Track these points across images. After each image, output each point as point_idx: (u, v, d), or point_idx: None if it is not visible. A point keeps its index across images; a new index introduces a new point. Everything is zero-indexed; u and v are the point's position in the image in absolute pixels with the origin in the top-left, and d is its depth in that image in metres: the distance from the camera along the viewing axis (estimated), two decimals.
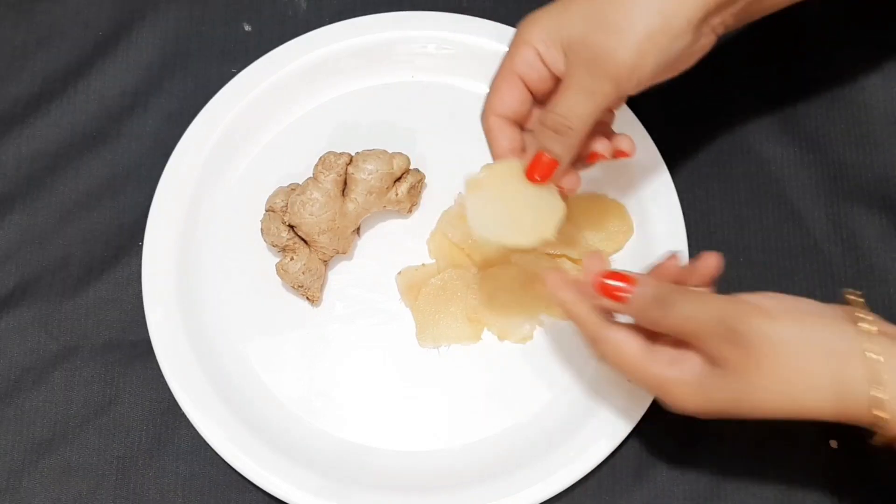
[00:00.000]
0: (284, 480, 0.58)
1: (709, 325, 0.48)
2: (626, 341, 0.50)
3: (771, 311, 0.47)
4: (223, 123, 0.65)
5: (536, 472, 0.57)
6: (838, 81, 0.67)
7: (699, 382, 0.49)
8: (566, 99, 0.51)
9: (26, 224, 0.65)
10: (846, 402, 0.46)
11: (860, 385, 0.46)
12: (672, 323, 0.49)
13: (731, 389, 0.48)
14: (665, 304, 0.49)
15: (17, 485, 0.60)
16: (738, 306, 0.48)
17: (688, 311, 0.48)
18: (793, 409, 0.47)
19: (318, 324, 0.62)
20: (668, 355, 0.50)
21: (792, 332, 0.47)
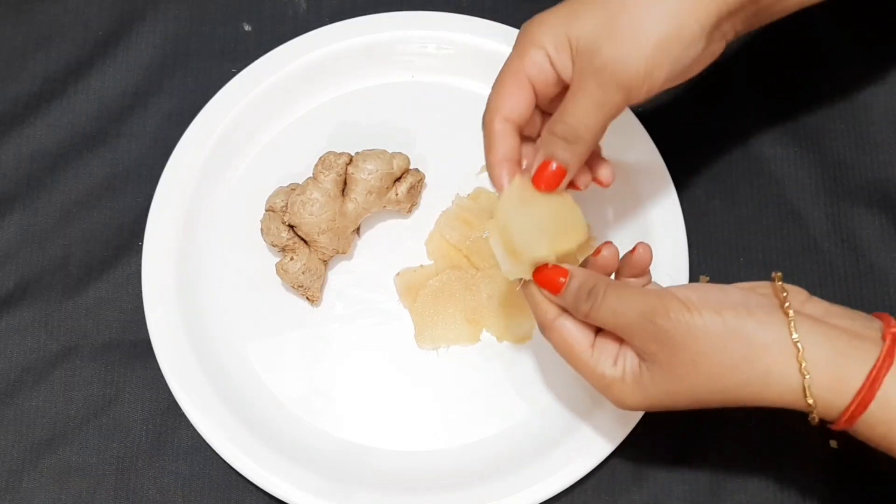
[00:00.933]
0: (284, 480, 0.58)
1: (633, 320, 0.48)
2: (573, 333, 0.51)
3: (692, 303, 0.47)
4: (223, 123, 0.65)
5: (536, 472, 0.57)
6: (838, 81, 0.67)
7: (635, 379, 0.49)
8: (576, 108, 0.49)
9: (26, 224, 0.65)
10: (778, 391, 0.46)
11: (786, 372, 0.46)
12: (601, 317, 0.49)
13: (662, 384, 0.48)
14: (593, 296, 0.49)
15: (17, 485, 0.60)
16: (660, 300, 0.48)
17: (613, 305, 0.49)
18: (727, 399, 0.48)
19: (318, 324, 0.62)
20: (611, 354, 0.50)
21: (712, 325, 0.47)
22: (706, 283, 0.51)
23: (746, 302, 0.48)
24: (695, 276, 0.63)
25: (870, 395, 0.45)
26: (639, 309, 0.48)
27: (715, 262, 0.64)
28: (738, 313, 0.47)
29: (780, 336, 0.46)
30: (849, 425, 0.46)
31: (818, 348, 0.46)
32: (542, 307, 0.52)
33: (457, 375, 0.61)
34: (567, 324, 0.51)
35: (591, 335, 0.51)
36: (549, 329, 0.52)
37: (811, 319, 0.47)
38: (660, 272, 0.61)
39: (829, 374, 0.46)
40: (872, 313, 0.49)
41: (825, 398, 0.46)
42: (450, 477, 0.59)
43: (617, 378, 0.50)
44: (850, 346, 0.46)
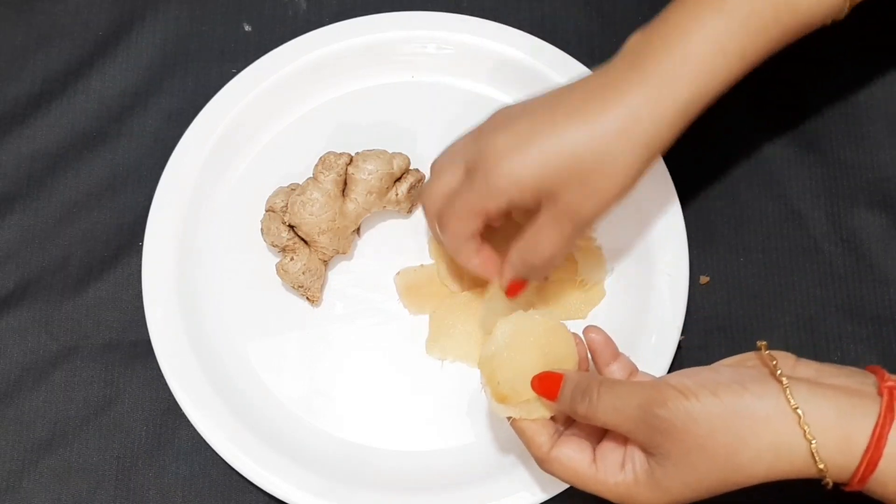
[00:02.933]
0: (284, 480, 0.58)
1: (632, 415, 0.47)
2: (572, 457, 0.50)
3: (688, 389, 0.47)
4: (223, 123, 0.65)
5: (536, 472, 0.57)
6: (838, 82, 0.67)
7: (649, 478, 0.48)
8: (549, 244, 0.53)
9: (26, 224, 0.65)
10: (789, 460, 0.46)
11: (793, 441, 0.45)
12: (600, 415, 0.49)
13: (678, 476, 0.47)
14: (588, 396, 0.49)
15: (17, 485, 0.60)
16: (657, 391, 0.47)
17: (610, 402, 0.48)
18: (746, 477, 0.47)
19: (318, 324, 0.62)
20: (617, 460, 0.49)
21: (712, 407, 0.46)
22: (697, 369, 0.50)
23: (740, 378, 0.47)
24: (695, 276, 0.63)
25: (877, 453, 0.44)
26: (636, 402, 0.48)
27: (715, 262, 0.64)
28: (734, 391, 0.46)
29: (778, 406, 0.46)
30: (861, 486, 0.45)
31: (819, 412, 0.45)
32: (536, 442, 0.51)
33: (457, 375, 0.61)
34: (563, 450, 0.50)
35: (589, 452, 0.50)
36: (548, 462, 0.51)
37: (806, 383, 0.47)
38: (660, 272, 0.61)
39: (834, 436, 0.45)
40: (865, 367, 0.48)
41: (835, 460, 0.45)
42: (450, 477, 0.59)
43: (630, 482, 0.49)
44: (849, 404, 0.45)
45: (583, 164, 0.50)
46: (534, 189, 0.52)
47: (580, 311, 0.62)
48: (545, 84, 0.63)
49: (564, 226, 0.52)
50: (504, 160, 0.51)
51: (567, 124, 0.51)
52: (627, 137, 0.50)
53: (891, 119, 0.66)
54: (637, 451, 0.49)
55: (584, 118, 0.50)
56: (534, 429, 0.51)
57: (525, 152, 0.51)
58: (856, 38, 0.68)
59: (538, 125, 0.51)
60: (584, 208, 0.52)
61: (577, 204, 0.51)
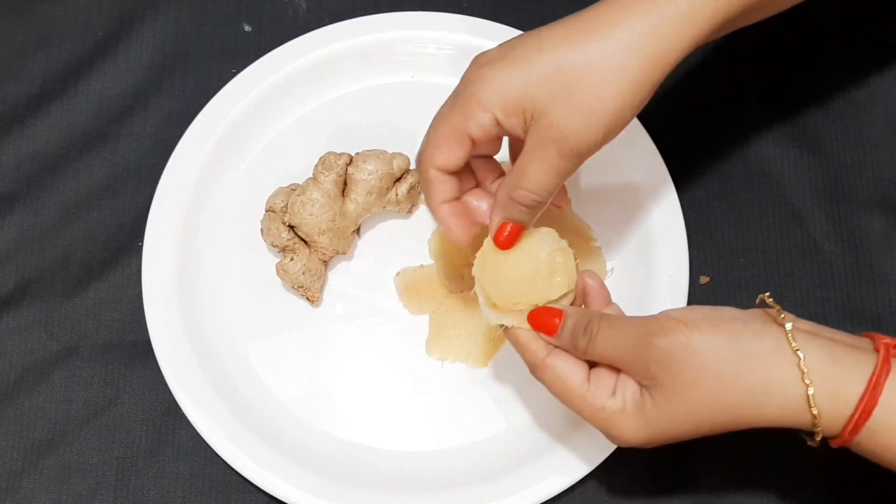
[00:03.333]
0: (284, 481, 0.58)
1: (631, 346, 0.48)
2: (566, 368, 0.50)
3: (689, 320, 0.47)
4: (223, 123, 0.65)
5: (536, 473, 0.57)
6: (838, 82, 0.67)
7: (636, 408, 0.48)
8: (535, 174, 0.50)
9: (26, 224, 0.65)
10: (781, 403, 0.46)
11: (790, 383, 0.45)
12: (599, 349, 0.49)
13: (665, 409, 0.47)
14: (588, 331, 0.49)
15: (17, 485, 0.60)
16: (657, 322, 0.48)
17: (609, 334, 0.49)
18: (730, 418, 0.47)
19: (318, 324, 0.62)
20: (608, 386, 0.49)
21: (712, 339, 0.46)
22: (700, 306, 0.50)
23: (742, 317, 0.48)
24: (695, 276, 0.63)
25: (872, 401, 0.44)
26: (635, 333, 0.48)
27: (715, 262, 0.64)
28: (735, 326, 0.47)
29: (778, 346, 0.46)
30: (853, 435, 0.45)
31: (816, 357, 0.46)
32: (531, 347, 0.51)
33: (457, 376, 0.61)
34: (558, 361, 0.50)
35: (584, 369, 0.50)
36: (541, 368, 0.51)
37: (806, 331, 0.47)
38: (660, 272, 0.61)
39: (829, 383, 0.45)
40: (859, 334, 0.49)
41: (828, 407, 0.45)
42: (450, 477, 0.59)
43: (617, 409, 0.49)
44: (846, 354, 0.46)
45: (570, 74, 0.48)
46: (518, 103, 0.49)
47: None
48: None
49: (551, 151, 0.49)
50: (486, 73, 0.49)
51: (560, 36, 0.48)
52: (619, 42, 0.47)
53: (891, 119, 0.66)
54: (630, 380, 0.49)
55: (575, 35, 0.48)
56: (529, 336, 0.51)
57: (510, 66, 0.49)
58: (856, 37, 0.68)
59: (525, 44, 0.49)
60: (571, 128, 0.48)
61: (564, 122, 0.48)
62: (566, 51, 0.48)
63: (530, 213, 0.51)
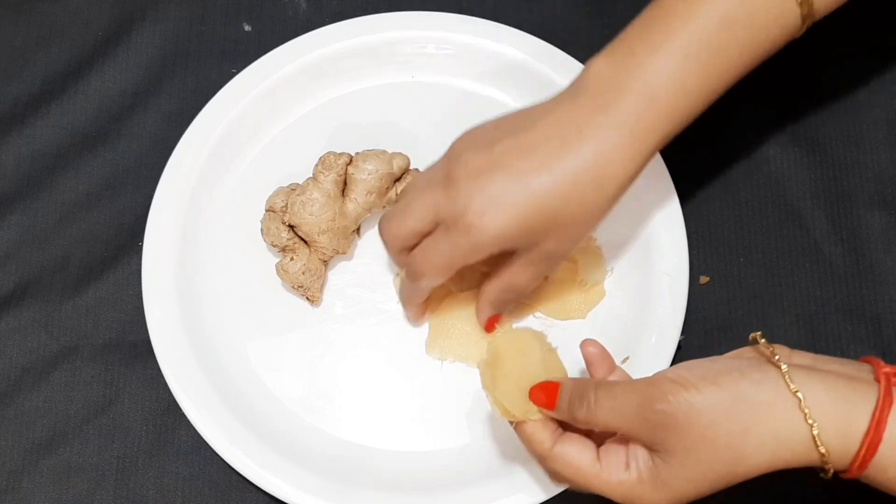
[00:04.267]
0: (284, 481, 0.58)
1: (633, 413, 0.47)
2: (574, 453, 0.50)
3: (687, 381, 0.47)
4: (223, 123, 0.65)
5: (537, 473, 0.57)
6: (839, 82, 0.67)
7: (653, 476, 0.48)
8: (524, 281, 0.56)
9: (26, 224, 0.65)
10: (790, 447, 0.45)
11: (796, 426, 0.45)
12: (600, 418, 0.48)
13: (682, 473, 0.47)
14: (585, 401, 0.49)
15: (17, 485, 0.60)
16: (655, 386, 0.47)
17: (608, 403, 0.48)
18: (747, 470, 0.47)
19: (318, 324, 0.62)
20: (620, 460, 0.49)
21: (713, 397, 0.46)
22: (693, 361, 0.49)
23: (738, 367, 0.47)
24: (695, 276, 0.63)
25: (877, 436, 0.44)
26: (635, 401, 0.47)
27: (715, 262, 0.64)
28: (734, 378, 0.46)
29: (778, 391, 0.46)
30: (861, 471, 0.45)
31: (818, 396, 0.45)
32: (537, 438, 0.51)
33: (456, 376, 0.61)
34: (565, 447, 0.50)
35: (593, 450, 0.50)
36: (550, 458, 0.51)
37: (803, 369, 0.47)
38: (660, 272, 0.61)
39: (834, 420, 0.45)
40: (859, 358, 0.48)
41: (835, 445, 0.45)
42: (449, 477, 0.59)
43: (634, 481, 0.48)
44: (847, 389, 0.45)
45: (560, 216, 0.52)
46: (514, 242, 0.53)
47: (580, 311, 0.62)
48: (544, 84, 0.63)
49: (540, 266, 0.55)
50: (484, 219, 0.51)
51: (540, 174, 0.51)
52: (599, 182, 0.51)
53: (891, 119, 0.66)
54: (640, 449, 0.48)
55: (556, 166, 0.51)
56: (535, 426, 0.51)
57: (504, 210, 0.51)
58: (856, 38, 0.68)
59: (513, 178, 0.51)
60: (559, 251, 0.54)
61: (553, 249, 0.54)
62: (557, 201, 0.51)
63: (515, 301, 0.60)
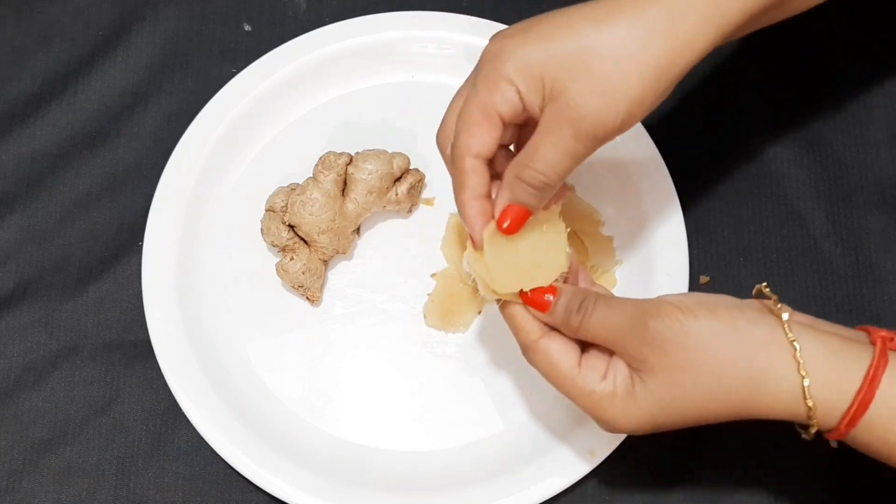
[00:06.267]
0: (284, 481, 0.58)
1: (624, 326, 0.47)
2: (558, 351, 0.49)
3: (685, 305, 0.47)
4: (223, 123, 0.65)
5: (536, 472, 0.57)
6: (839, 82, 0.67)
7: (627, 392, 0.47)
8: (547, 155, 0.47)
9: (26, 224, 0.65)
10: (774, 392, 0.45)
11: (786, 373, 0.45)
12: (592, 328, 0.48)
13: (657, 393, 0.47)
14: (583, 308, 0.48)
15: (17, 485, 0.60)
16: (652, 304, 0.47)
17: (604, 313, 0.48)
18: (722, 407, 0.46)
19: (318, 324, 0.62)
20: (600, 369, 0.49)
21: (707, 324, 0.46)
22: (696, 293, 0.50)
23: (739, 304, 0.48)
24: (695, 276, 0.63)
25: (869, 394, 0.44)
26: (630, 313, 0.47)
27: (715, 262, 0.64)
28: (732, 313, 0.47)
29: (775, 334, 0.46)
30: (849, 429, 0.45)
31: (813, 348, 0.45)
32: (525, 328, 0.50)
33: (457, 375, 0.61)
34: (551, 343, 0.50)
35: (576, 354, 0.50)
36: (533, 350, 0.50)
37: (802, 323, 0.47)
38: (660, 272, 0.61)
39: (826, 374, 0.45)
40: (856, 327, 0.49)
41: (824, 399, 0.45)
42: (449, 477, 0.59)
43: (607, 393, 0.48)
44: (843, 346, 0.46)
45: (596, 55, 0.46)
46: (538, 77, 0.47)
47: None
48: None
49: (566, 132, 0.47)
50: (507, 46, 0.47)
51: (587, 16, 0.47)
52: (647, 31, 0.46)
53: (891, 119, 0.66)
54: (621, 363, 0.48)
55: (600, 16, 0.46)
56: (525, 316, 0.50)
57: (532, 40, 0.47)
58: (856, 38, 0.68)
59: (549, 20, 0.48)
60: (590, 107, 0.46)
61: (583, 101, 0.46)
62: (590, 30, 0.46)
63: (538, 196, 0.49)
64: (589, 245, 0.62)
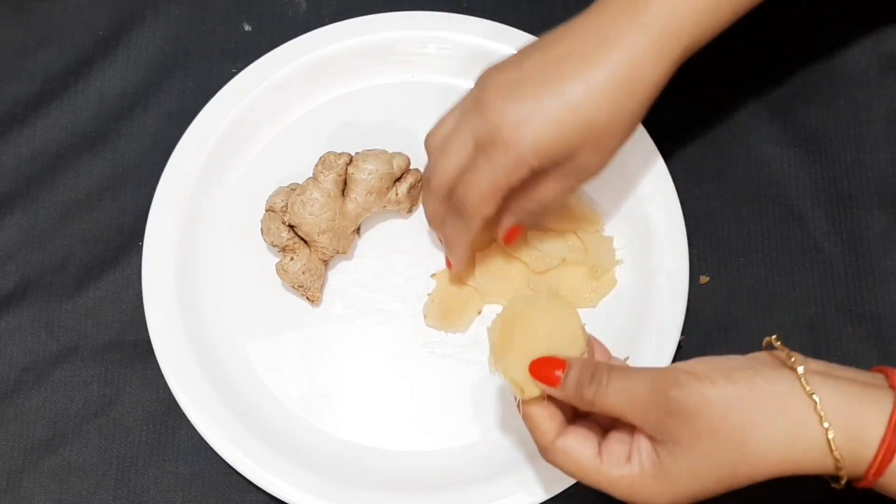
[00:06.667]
0: (284, 481, 0.58)
1: (643, 399, 0.46)
2: (576, 448, 0.48)
3: (701, 373, 0.46)
4: (223, 123, 0.65)
5: (536, 472, 0.57)
6: (838, 82, 0.67)
7: (656, 469, 0.46)
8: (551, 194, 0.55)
9: (26, 224, 0.65)
10: (802, 449, 0.45)
11: (810, 428, 0.44)
12: (609, 400, 0.47)
13: (686, 465, 0.46)
14: (595, 380, 0.47)
15: (17, 485, 0.60)
16: (669, 374, 0.46)
17: (619, 385, 0.47)
18: (753, 470, 0.45)
19: (318, 324, 0.62)
20: (622, 454, 0.48)
21: (727, 390, 0.45)
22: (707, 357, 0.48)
23: (753, 365, 0.46)
24: (695, 276, 0.63)
25: (894, 441, 0.43)
26: (648, 385, 0.46)
27: (715, 262, 0.64)
28: (748, 375, 0.45)
29: (793, 391, 0.45)
30: (878, 477, 0.44)
31: (833, 399, 0.44)
32: (542, 429, 0.49)
33: (457, 375, 0.61)
34: (567, 441, 0.49)
35: (594, 443, 0.48)
36: (552, 451, 0.49)
37: (818, 373, 0.46)
38: (660, 272, 0.61)
39: (849, 424, 0.44)
40: (872, 368, 0.48)
41: (849, 449, 0.44)
42: (449, 477, 0.59)
43: (636, 475, 0.47)
44: (863, 394, 0.45)
45: (595, 123, 0.52)
46: (554, 155, 0.52)
47: (590, 300, 0.62)
48: None
49: (571, 179, 0.54)
50: (523, 130, 0.51)
51: (573, 82, 0.51)
52: (630, 87, 0.51)
53: (890, 119, 0.66)
54: (644, 441, 0.47)
55: (588, 74, 0.51)
56: (541, 415, 0.50)
57: (542, 121, 0.51)
58: (857, 38, 0.68)
59: (546, 89, 0.52)
60: (594, 165, 0.54)
61: (588, 162, 0.53)
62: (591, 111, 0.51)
63: (533, 217, 0.59)
64: (589, 245, 0.62)
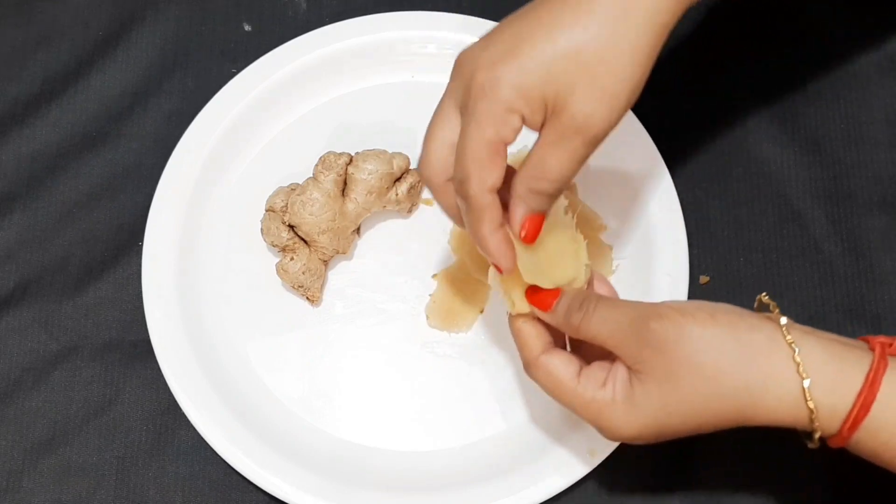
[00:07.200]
0: (284, 481, 0.58)
1: (625, 326, 0.47)
2: (558, 366, 0.50)
3: (686, 309, 0.47)
4: (223, 123, 0.65)
5: (536, 472, 0.57)
6: (838, 81, 0.67)
7: (627, 397, 0.48)
8: (557, 165, 0.47)
9: (26, 224, 0.65)
10: (777, 395, 0.45)
11: (786, 376, 0.45)
12: (593, 327, 0.49)
13: (656, 395, 0.47)
14: (584, 306, 0.49)
15: (17, 485, 0.60)
16: (653, 307, 0.48)
17: (605, 313, 0.48)
18: (723, 412, 0.46)
19: (318, 324, 0.62)
20: (599, 378, 0.49)
21: (707, 328, 0.46)
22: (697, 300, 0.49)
23: (738, 310, 0.48)
24: (695, 276, 0.63)
25: (871, 395, 0.44)
26: (632, 315, 0.48)
27: (715, 262, 0.64)
28: (732, 318, 0.47)
29: (774, 338, 0.46)
30: (852, 432, 0.45)
31: (813, 351, 0.45)
32: (529, 344, 0.51)
33: (457, 375, 0.61)
34: (552, 359, 0.50)
35: (576, 367, 0.50)
36: (534, 366, 0.51)
37: (801, 327, 0.47)
38: (660, 272, 0.61)
39: (826, 377, 0.45)
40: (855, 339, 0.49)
41: (825, 402, 0.45)
42: (449, 477, 0.59)
43: (607, 401, 0.48)
44: (842, 349, 0.46)
45: (588, 58, 0.45)
46: (541, 99, 0.46)
47: None
48: None
49: (576, 142, 0.47)
50: (499, 70, 0.46)
51: (559, 19, 0.46)
52: (625, 7, 0.45)
53: (890, 119, 0.66)
54: (622, 369, 0.48)
55: (577, 8, 0.45)
56: (530, 332, 0.51)
57: (521, 57, 0.45)
58: (857, 37, 0.68)
59: (525, 27, 0.46)
60: (594, 116, 0.46)
61: (587, 111, 0.46)
62: (578, 35, 0.45)
63: (551, 201, 0.49)
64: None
